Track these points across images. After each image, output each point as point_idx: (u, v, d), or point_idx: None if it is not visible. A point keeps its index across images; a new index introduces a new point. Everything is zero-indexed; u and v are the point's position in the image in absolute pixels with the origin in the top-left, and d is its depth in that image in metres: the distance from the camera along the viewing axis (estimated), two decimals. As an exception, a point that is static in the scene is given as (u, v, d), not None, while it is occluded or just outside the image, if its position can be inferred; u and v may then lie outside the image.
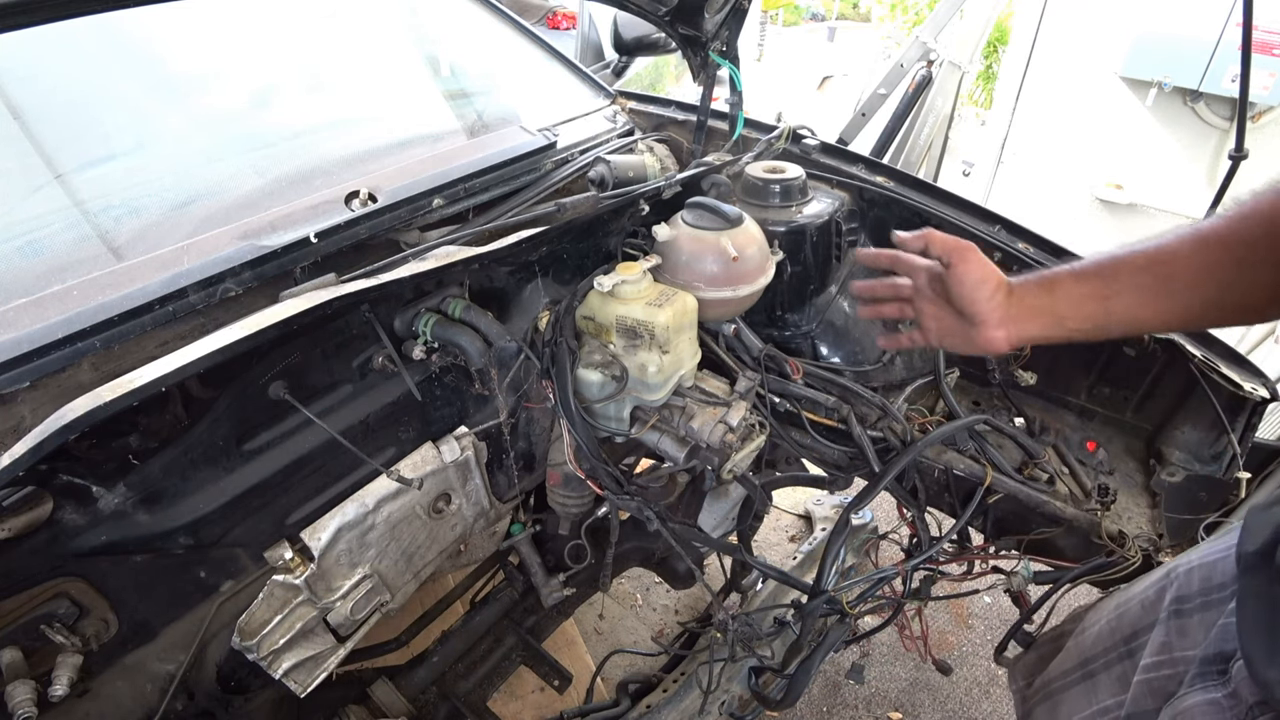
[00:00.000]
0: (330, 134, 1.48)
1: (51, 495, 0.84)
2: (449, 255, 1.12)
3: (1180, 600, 0.88)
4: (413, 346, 1.11)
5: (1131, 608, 1.00)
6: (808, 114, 2.16)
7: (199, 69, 1.46)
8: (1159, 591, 0.94)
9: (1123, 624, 1.00)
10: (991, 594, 2.56)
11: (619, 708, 1.73)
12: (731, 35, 1.64)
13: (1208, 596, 0.84)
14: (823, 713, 2.22)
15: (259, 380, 0.98)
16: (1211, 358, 1.34)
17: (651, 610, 2.52)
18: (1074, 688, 1.07)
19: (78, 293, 0.97)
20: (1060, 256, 1.49)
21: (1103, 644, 1.03)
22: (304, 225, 1.16)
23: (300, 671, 1.16)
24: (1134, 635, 0.96)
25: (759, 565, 1.56)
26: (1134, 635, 0.96)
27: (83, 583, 0.92)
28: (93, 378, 0.94)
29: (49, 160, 1.15)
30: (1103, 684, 1.00)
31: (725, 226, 1.35)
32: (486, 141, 1.53)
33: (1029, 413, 1.57)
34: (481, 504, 1.39)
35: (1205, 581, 0.86)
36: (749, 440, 1.35)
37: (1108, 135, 3.61)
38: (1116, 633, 1.00)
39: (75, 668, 0.88)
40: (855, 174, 1.69)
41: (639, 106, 1.95)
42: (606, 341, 1.28)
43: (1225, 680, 0.74)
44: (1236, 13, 2.91)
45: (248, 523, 1.06)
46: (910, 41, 3.86)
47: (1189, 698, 0.76)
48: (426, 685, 1.73)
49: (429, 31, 1.92)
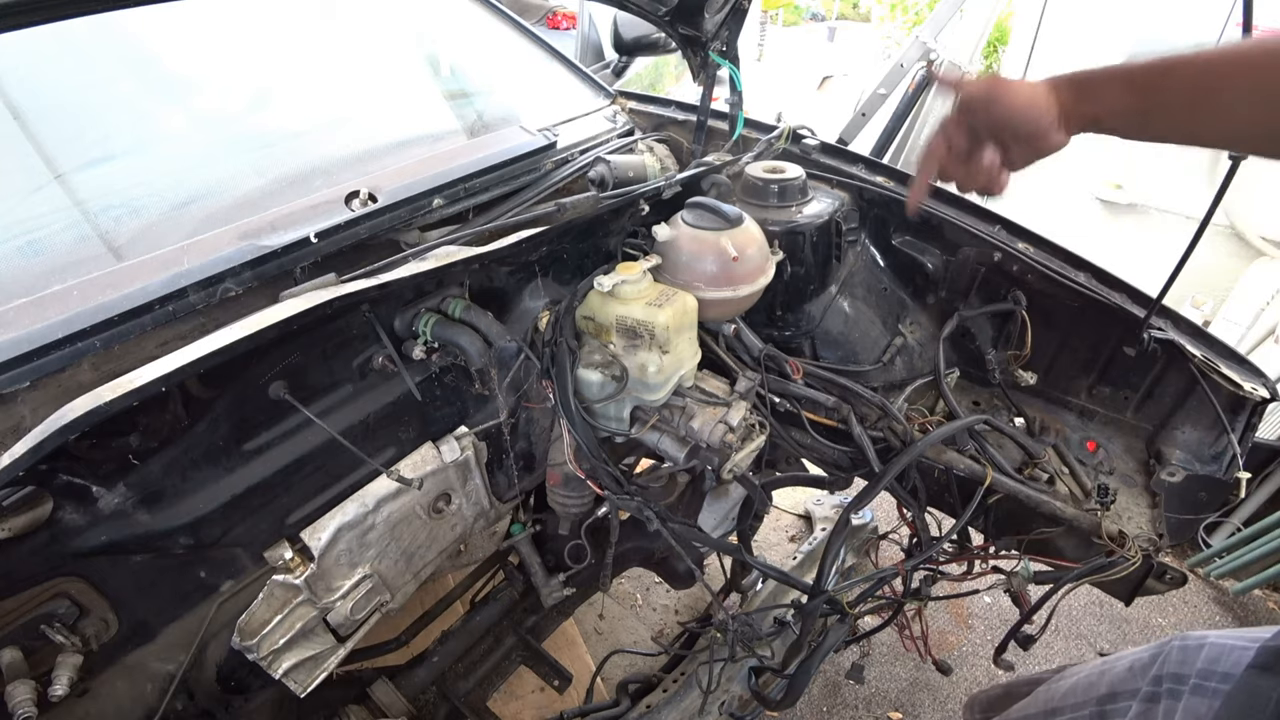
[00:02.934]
0: (330, 134, 1.48)
1: (51, 495, 0.84)
2: (449, 255, 1.12)
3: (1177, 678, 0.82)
4: (413, 346, 1.11)
5: (1118, 668, 0.95)
6: (808, 114, 2.16)
7: (199, 69, 1.46)
8: (1152, 657, 0.89)
9: (1103, 681, 0.95)
10: (991, 594, 2.56)
11: (619, 708, 1.73)
12: (731, 35, 1.64)
13: (1205, 680, 0.79)
14: (823, 713, 2.22)
15: (259, 380, 0.98)
16: (1211, 358, 1.34)
17: (651, 610, 2.52)
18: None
19: (78, 293, 0.97)
20: (1061, 256, 1.49)
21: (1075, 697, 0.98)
22: (304, 225, 1.16)
23: (300, 671, 1.16)
24: (1112, 696, 0.92)
25: (759, 565, 1.56)
26: (1112, 696, 0.92)
27: (83, 582, 0.92)
28: (93, 378, 0.93)
29: (49, 160, 1.15)
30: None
31: (725, 226, 1.35)
32: (486, 141, 1.53)
33: (1029, 413, 1.57)
34: (481, 504, 1.39)
35: (1210, 663, 0.80)
36: (749, 440, 1.35)
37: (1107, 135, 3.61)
38: (1094, 689, 0.96)
39: (75, 668, 0.88)
40: (855, 174, 1.69)
41: (639, 106, 1.95)
42: (606, 341, 1.28)
43: None
44: (1236, 13, 2.92)
45: (248, 523, 1.06)
46: (910, 41, 3.86)
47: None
48: (426, 685, 1.73)
49: (429, 31, 1.92)
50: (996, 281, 1.56)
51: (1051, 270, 1.46)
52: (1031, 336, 1.51)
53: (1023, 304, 1.51)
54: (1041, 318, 1.51)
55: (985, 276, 1.57)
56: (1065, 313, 1.48)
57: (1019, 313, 1.51)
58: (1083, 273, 1.47)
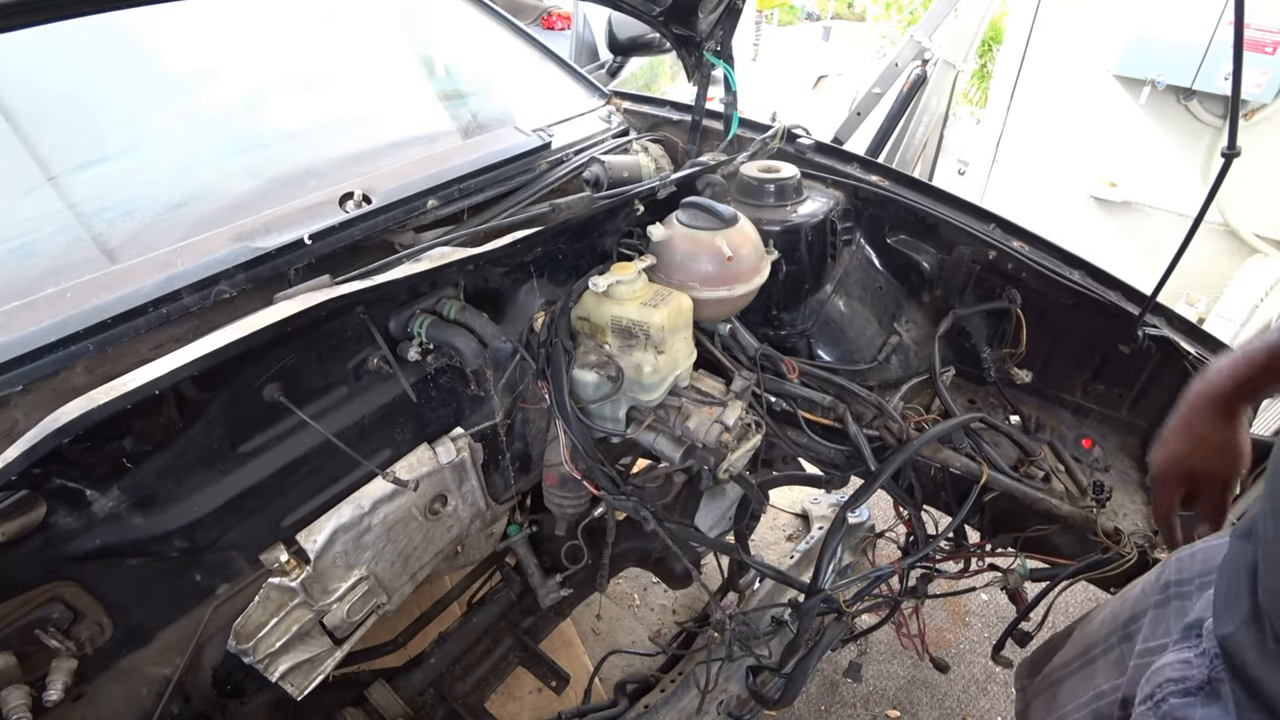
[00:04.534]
0: (324, 135, 1.48)
1: (45, 499, 0.83)
2: (444, 256, 1.12)
3: (1181, 583, 0.89)
4: (408, 348, 1.11)
5: (1133, 593, 1.02)
6: (803, 113, 2.16)
7: (193, 70, 1.46)
8: (1156, 575, 0.96)
9: (1123, 609, 1.02)
10: (988, 591, 2.56)
11: (617, 708, 1.73)
12: (726, 35, 1.64)
13: (1206, 578, 0.85)
14: (821, 711, 2.22)
15: (254, 382, 0.98)
16: (1206, 355, 1.34)
17: (649, 610, 2.52)
18: (1073, 676, 1.08)
19: (71, 295, 0.97)
20: (1056, 254, 1.49)
21: (1104, 630, 1.04)
22: (298, 227, 1.16)
23: (297, 674, 1.16)
24: (1133, 619, 0.98)
25: (756, 564, 1.57)
26: (1133, 619, 0.98)
27: (77, 586, 0.91)
28: (87, 381, 0.93)
29: (42, 162, 1.14)
30: (1100, 669, 1.02)
31: (720, 226, 1.35)
32: (481, 142, 1.53)
33: (1025, 410, 1.57)
34: (478, 505, 1.39)
35: (1207, 563, 0.87)
36: (745, 440, 1.36)
37: (1102, 133, 3.62)
38: (1118, 618, 1.02)
39: (70, 672, 0.88)
40: (850, 173, 1.69)
41: (634, 106, 1.95)
42: (602, 342, 1.28)
43: (1198, 640, 0.76)
44: (1228, 11, 2.92)
45: (243, 525, 1.05)
46: (905, 41, 3.87)
47: (1165, 656, 0.79)
48: (424, 687, 1.73)
49: (423, 32, 1.92)
50: (991, 280, 1.56)
51: (1046, 268, 1.46)
52: (1026, 334, 1.51)
53: (1018, 302, 1.51)
54: (1036, 316, 1.51)
55: (980, 275, 1.57)
56: (1060, 311, 1.49)
57: (1014, 311, 1.52)
58: (1077, 270, 1.47)
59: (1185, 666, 0.75)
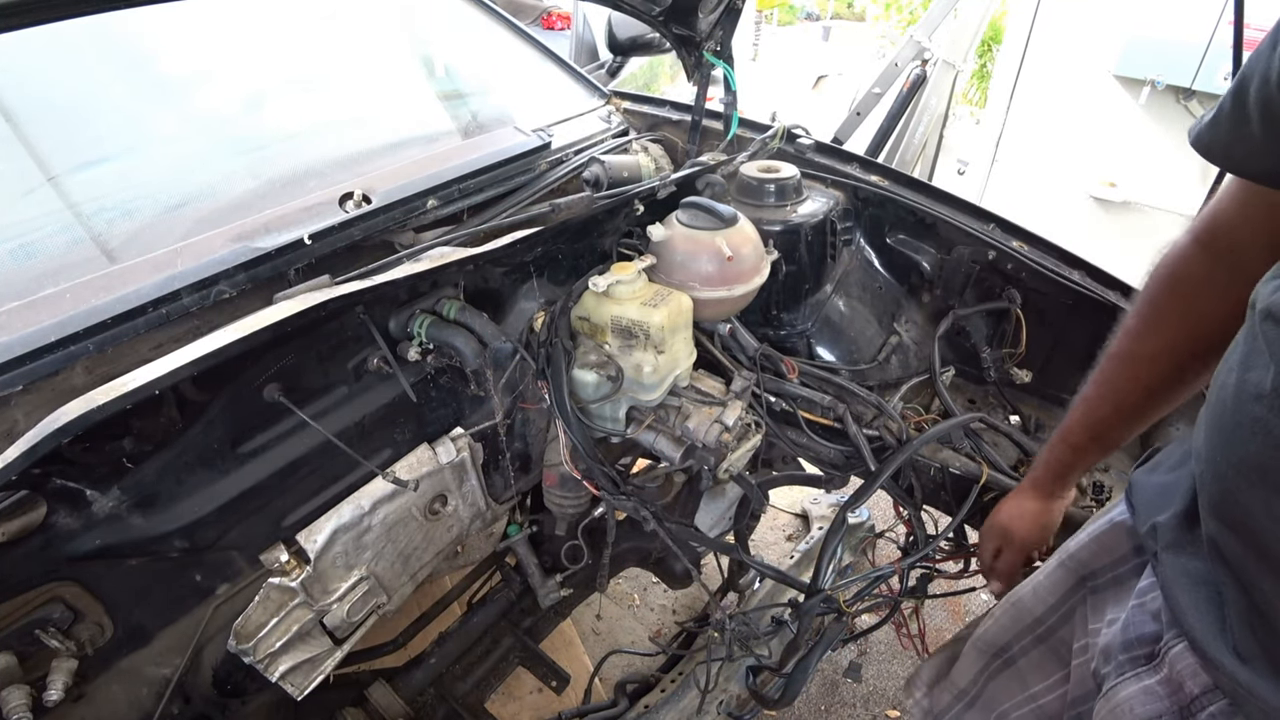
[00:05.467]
0: (324, 135, 1.48)
1: (45, 499, 0.84)
2: (444, 256, 1.12)
3: (1093, 576, 0.90)
4: (408, 348, 1.11)
5: (1024, 595, 1.02)
6: (802, 113, 2.16)
7: (192, 70, 1.46)
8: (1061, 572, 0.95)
9: (1022, 612, 1.01)
10: (988, 591, 2.56)
11: (617, 708, 1.73)
12: (726, 35, 1.64)
13: (1116, 570, 0.86)
14: (821, 711, 2.22)
15: (253, 383, 0.98)
16: (1205, 355, 1.34)
17: (649, 610, 2.52)
18: (996, 678, 1.07)
19: (71, 295, 0.97)
20: (1055, 254, 1.49)
21: (1008, 634, 1.03)
22: (298, 227, 1.16)
23: (297, 674, 1.16)
24: (1038, 622, 0.98)
25: (756, 564, 1.57)
26: (1038, 622, 0.98)
27: (77, 587, 0.91)
28: (86, 381, 0.93)
29: (42, 162, 1.14)
30: (1026, 670, 1.02)
31: (720, 226, 1.35)
32: (481, 142, 1.53)
33: (1024, 410, 1.57)
34: (478, 505, 1.39)
35: (1110, 553, 0.88)
36: (745, 440, 1.36)
37: (1102, 133, 3.62)
38: (1019, 621, 1.02)
39: (70, 672, 0.88)
40: (850, 173, 1.69)
41: (634, 106, 1.95)
42: (602, 342, 1.28)
43: (1155, 665, 0.73)
44: (1228, 11, 2.93)
45: (243, 526, 1.05)
46: (905, 40, 3.87)
47: (1121, 689, 0.75)
48: (424, 687, 1.73)
49: (423, 32, 1.92)
50: (991, 280, 1.56)
51: (1046, 268, 1.46)
52: (1026, 334, 1.51)
53: (1017, 302, 1.51)
54: (1036, 315, 1.51)
55: (980, 275, 1.57)
56: (1060, 310, 1.49)
57: (1014, 311, 1.52)
58: (1077, 270, 1.47)
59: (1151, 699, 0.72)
